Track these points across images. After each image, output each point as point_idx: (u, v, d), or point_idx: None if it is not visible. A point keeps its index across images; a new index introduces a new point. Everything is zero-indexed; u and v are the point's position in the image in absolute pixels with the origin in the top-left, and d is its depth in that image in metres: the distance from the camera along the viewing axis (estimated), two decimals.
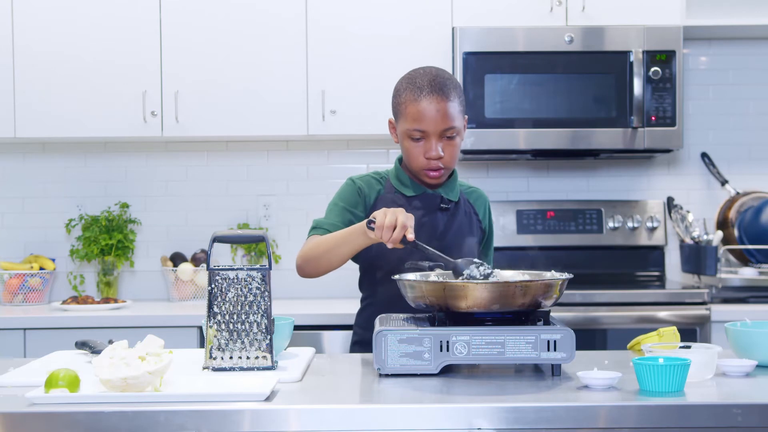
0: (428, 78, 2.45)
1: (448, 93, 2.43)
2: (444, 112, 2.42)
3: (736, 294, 3.71)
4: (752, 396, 1.81)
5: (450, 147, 2.46)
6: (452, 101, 2.43)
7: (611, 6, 3.80)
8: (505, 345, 1.93)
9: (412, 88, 2.46)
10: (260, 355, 2.02)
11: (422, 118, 2.43)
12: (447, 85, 2.44)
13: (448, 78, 2.47)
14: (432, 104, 2.42)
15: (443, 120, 2.42)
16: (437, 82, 2.43)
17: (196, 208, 4.17)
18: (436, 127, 2.43)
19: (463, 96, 2.49)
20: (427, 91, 2.43)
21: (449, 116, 2.43)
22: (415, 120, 2.45)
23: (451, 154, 2.47)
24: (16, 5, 3.79)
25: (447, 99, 2.42)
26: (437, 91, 2.42)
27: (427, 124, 2.43)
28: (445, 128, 2.43)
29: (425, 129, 2.44)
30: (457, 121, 2.44)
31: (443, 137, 2.45)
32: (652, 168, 4.21)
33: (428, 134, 2.44)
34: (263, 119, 3.81)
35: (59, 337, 3.37)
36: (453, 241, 2.51)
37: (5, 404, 1.76)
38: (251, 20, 3.81)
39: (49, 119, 3.79)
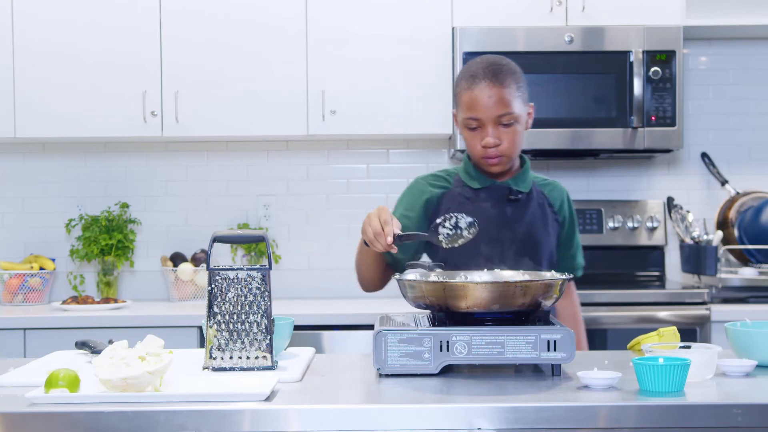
0: (483, 65, 2.43)
1: (502, 79, 2.40)
2: (498, 98, 2.39)
3: (736, 294, 3.71)
4: (752, 396, 1.81)
5: (508, 134, 2.42)
6: (508, 87, 2.40)
7: (611, 6, 3.80)
8: (505, 345, 1.93)
9: (466, 77, 2.44)
10: (260, 355, 2.02)
11: (476, 105, 2.41)
12: (502, 71, 2.41)
13: (505, 64, 2.44)
14: (484, 91, 2.39)
15: (497, 106, 2.39)
16: (491, 69, 2.41)
17: (196, 208, 4.18)
18: (490, 113, 2.40)
19: (522, 83, 2.45)
20: (481, 77, 2.40)
21: (504, 102, 2.39)
22: (469, 108, 2.42)
23: (510, 142, 2.43)
24: (16, 5, 3.79)
25: (501, 85, 2.40)
26: (490, 77, 2.39)
27: (480, 111, 2.40)
28: (499, 114, 2.40)
29: (479, 116, 2.41)
30: (514, 108, 2.41)
31: (499, 124, 2.41)
32: (652, 168, 4.21)
33: (483, 122, 2.41)
34: (263, 119, 3.81)
35: (59, 337, 3.37)
36: (524, 233, 2.46)
37: (5, 404, 1.76)
38: (251, 20, 3.81)
39: (49, 119, 3.79)
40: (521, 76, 2.46)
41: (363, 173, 4.19)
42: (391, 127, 3.83)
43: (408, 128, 3.83)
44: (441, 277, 2.15)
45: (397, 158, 4.20)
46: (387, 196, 4.18)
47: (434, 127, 3.82)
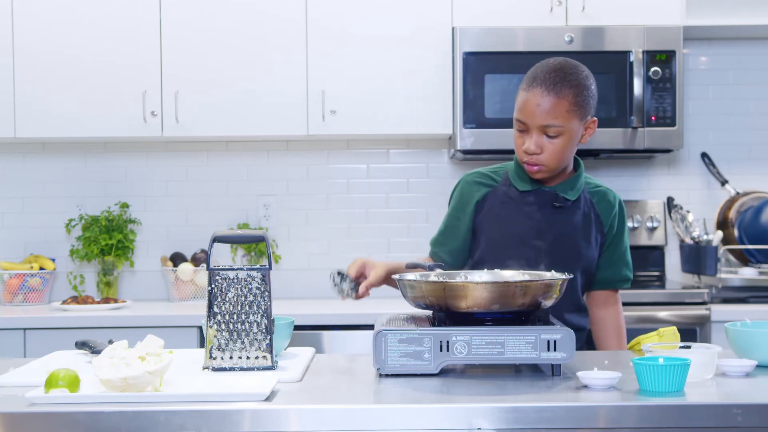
0: (548, 69, 2.33)
1: (559, 89, 2.30)
2: (546, 107, 2.30)
3: (736, 294, 3.71)
4: (752, 396, 1.81)
5: (551, 146, 2.33)
6: (561, 98, 2.30)
7: (611, 6, 3.80)
8: (505, 345, 1.93)
9: (529, 77, 2.36)
10: (260, 355, 2.02)
11: (523, 108, 2.34)
12: (564, 81, 2.30)
13: (570, 73, 2.32)
14: (535, 97, 2.31)
15: (543, 115, 2.30)
16: (553, 76, 2.31)
17: (196, 208, 4.18)
18: (534, 120, 2.32)
19: (584, 96, 2.33)
20: (539, 82, 2.31)
21: (553, 113, 2.30)
22: (519, 109, 2.36)
23: (552, 153, 2.33)
24: (16, 5, 3.79)
25: (554, 94, 2.30)
26: (548, 84, 2.30)
27: (526, 115, 2.33)
28: (543, 124, 2.31)
29: (524, 120, 2.34)
30: (563, 120, 2.30)
31: (544, 133, 2.33)
32: (652, 168, 4.21)
33: (529, 127, 2.34)
34: (263, 119, 3.81)
35: (59, 337, 3.37)
36: (563, 242, 2.40)
37: (5, 404, 1.76)
38: (251, 20, 3.81)
39: (49, 119, 3.79)
40: (586, 90, 2.34)
41: (363, 173, 4.19)
42: (391, 127, 3.83)
43: (408, 128, 3.83)
44: (441, 277, 2.15)
45: (397, 158, 4.20)
46: (387, 196, 4.18)
47: (434, 127, 3.82)
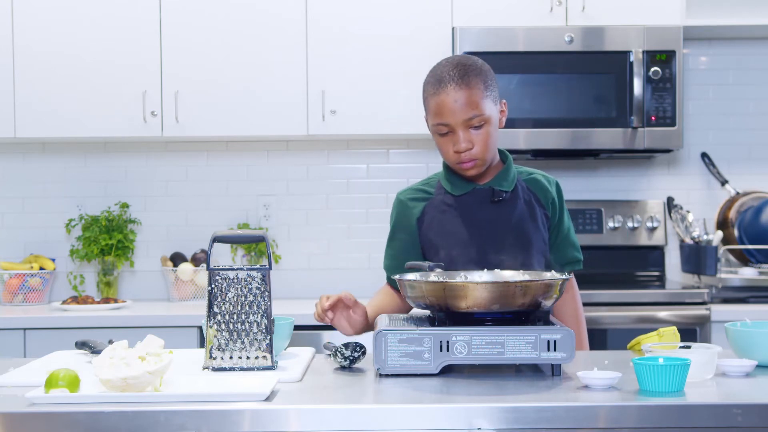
0: (448, 67, 2.36)
1: (468, 80, 2.32)
2: (465, 101, 2.31)
3: (736, 294, 3.71)
4: (752, 396, 1.81)
5: (479, 137, 2.34)
6: (475, 88, 2.32)
7: (611, 6, 3.80)
8: (505, 345, 1.93)
9: (432, 81, 2.38)
10: (260, 355, 2.02)
11: (443, 110, 2.35)
12: (468, 72, 2.33)
13: (471, 64, 2.35)
14: (450, 95, 2.33)
15: (463, 110, 2.32)
16: (457, 71, 2.34)
17: (196, 208, 4.18)
18: (457, 118, 2.33)
19: (492, 81, 2.36)
20: (446, 81, 2.34)
21: (472, 104, 2.31)
22: (437, 114, 2.37)
23: (483, 144, 2.34)
24: (16, 5, 3.79)
25: (466, 86, 2.32)
26: (456, 80, 2.33)
27: (448, 116, 2.34)
28: (467, 118, 2.32)
29: (447, 121, 2.35)
30: (483, 109, 2.32)
31: (470, 127, 2.34)
32: (652, 168, 4.21)
33: (453, 126, 2.34)
34: (263, 119, 3.81)
35: (59, 337, 3.38)
36: (513, 233, 2.39)
37: (5, 404, 1.76)
38: (251, 20, 3.81)
39: (49, 119, 3.79)
40: (490, 75, 2.38)
41: (363, 173, 4.19)
42: (391, 127, 3.83)
43: (408, 128, 3.83)
44: (441, 277, 2.15)
45: (397, 158, 4.19)
46: (387, 196, 4.18)
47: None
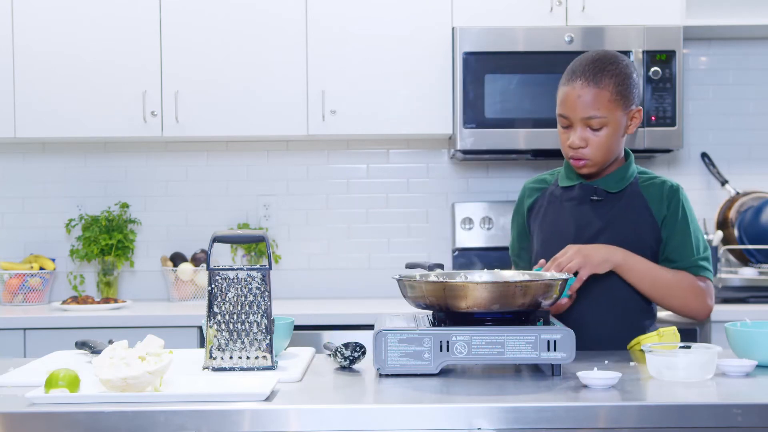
0: (586, 61, 2.32)
1: (599, 79, 2.28)
2: (589, 99, 2.28)
3: (736, 294, 3.71)
4: (752, 396, 1.81)
5: (596, 138, 2.31)
6: (602, 88, 2.28)
7: (611, 6, 3.80)
8: (505, 345, 1.93)
9: (568, 71, 2.34)
10: (260, 355, 2.02)
11: (565, 102, 2.32)
12: (603, 71, 2.29)
13: (609, 64, 2.31)
14: (575, 90, 2.30)
15: (584, 107, 2.28)
16: (592, 67, 2.30)
17: (196, 208, 4.18)
18: (575, 113, 2.30)
19: (627, 86, 2.31)
20: (578, 74, 2.30)
21: (595, 104, 2.28)
22: (560, 104, 2.34)
23: (598, 146, 2.31)
24: (16, 5, 3.79)
25: (594, 85, 2.28)
26: (585, 75, 2.29)
27: (567, 109, 2.32)
28: (585, 116, 2.29)
29: (567, 114, 2.32)
30: (605, 111, 2.29)
31: (587, 126, 2.31)
32: (652, 168, 4.21)
33: (571, 121, 2.32)
34: (263, 119, 3.81)
35: (59, 337, 3.37)
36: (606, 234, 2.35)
37: (5, 404, 1.76)
38: (251, 20, 3.81)
39: (49, 119, 3.79)
40: (627, 79, 2.32)
41: (363, 173, 4.19)
42: (391, 127, 3.83)
43: (408, 128, 3.83)
44: (441, 277, 2.15)
45: (397, 158, 4.20)
46: (387, 196, 4.18)
47: (434, 127, 3.82)
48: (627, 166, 2.42)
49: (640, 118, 2.38)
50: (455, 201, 4.14)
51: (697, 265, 2.37)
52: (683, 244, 2.37)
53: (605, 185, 2.40)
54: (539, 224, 2.47)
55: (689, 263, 2.37)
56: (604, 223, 2.37)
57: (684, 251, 2.37)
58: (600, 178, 2.41)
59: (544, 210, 2.47)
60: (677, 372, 1.89)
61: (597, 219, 2.38)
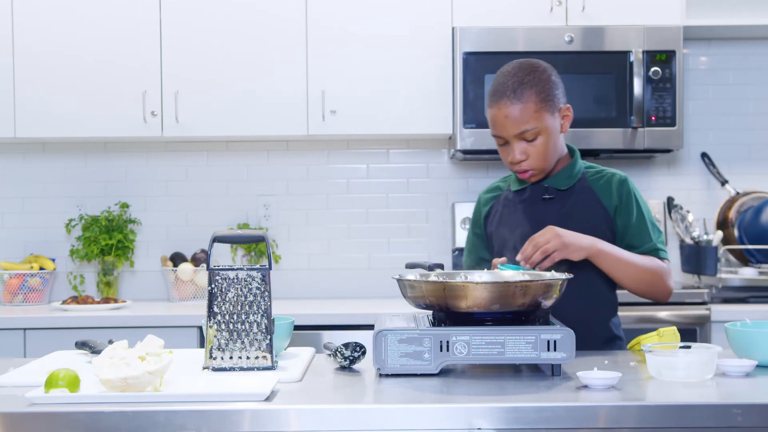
0: (504, 79, 2.39)
1: (520, 94, 2.35)
2: (514, 115, 2.36)
3: (736, 294, 3.71)
4: (752, 396, 1.81)
5: (534, 148, 2.39)
6: (525, 102, 2.35)
7: (611, 6, 3.80)
8: (505, 345, 1.93)
9: (491, 92, 2.41)
10: (260, 355, 2.02)
11: (495, 124, 2.40)
12: (522, 84, 2.36)
13: (527, 74, 2.38)
14: (501, 110, 2.37)
15: (514, 124, 2.36)
16: (510, 84, 2.37)
17: (196, 208, 4.18)
18: (508, 132, 2.38)
19: (548, 90, 2.38)
20: (500, 94, 2.37)
21: (521, 119, 2.36)
22: (492, 126, 2.43)
23: (538, 155, 2.39)
24: (16, 5, 3.79)
25: (517, 101, 2.35)
26: (506, 94, 2.36)
27: (499, 129, 2.40)
28: (517, 132, 2.37)
29: (500, 134, 2.40)
30: (535, 122, 2.36)
31: (522, 140, 2.39)
32: (652, 168, 4.21)
33: (506, 139, 2.40)
34: (263, 119, 3.81)
35: (59, 337, 3.37)
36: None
37: (5, 404, 1.76)
38: (251, 20, 3.81)
39: (49, 119, 3.79)
40: (548, 84, 2.39)
41: (363, 173, 4.19)
42: (391, 127, 3.83)
43: (408, 128, 3.83)
44: (441, 277, 2.15)
45: (397, 158, 4.20)
46: (387, 196, 4.18)
47: (434, 127, 3.82)
48: (574, 163, 2.50)
49: (571, 114, 2.47)
50: (455, 201, 4.14)
51: (657, 248, 2.44)
52: (641, 230, 2.44)
53: (555, 183, 2.48)
54: (496, 229, 2.54)
55: (650, 247, 2.44)
56: (559, 219, 2.42)
57: (643, 236, 2.44)
58: (549, 178, 2.49)
59: (499, 215, 2.54)
60: (677, 372, 1.89)
61: (551, 216, 2.44)
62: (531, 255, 2.24)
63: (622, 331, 2.53)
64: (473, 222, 2.64)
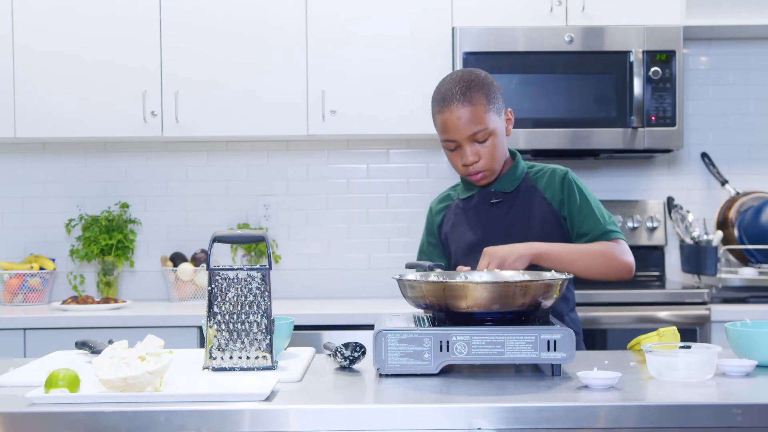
0: (451, 84, 2.46)
1: (470, 97, 2.42)
2: (468, 117, 2.42)
3: (736, 294, 3.71)
4: (752, 396, 1.81)
5: (486, 149, 2.46)
6: (476, 104, 2.42)
7: (611, 6, 3.80)
8: (505, 345, 1.93)
9: (437, 99, 2.48)
10: (260, 355, 2.02)
11: (447, 128, 2.46)
12: (470, 88, 2.43)
13: (473, 80, 2.45)
14: (453, 113, 2.43)
15: (467, 126, 2.43)
16: (459, 89, 2.44)
17: (196, 208, 4.18)
18: (462, 134, 2.44)
19: (494, 94, 2.46)
20: (449, 99, 2.44)
21: (475, 120, 2.43)
22: (443, 131, 2.48)
23: (489, 156, 2.47)
24: (16, 5, 3.79)
25: (468, 103, 2.42)
26: (458, 98, 2.43)
27: (452, 133, 2.45)
28: (470, 134, 2.44)
29: (452, 138, 2.46)
30: (487, 123, 2.44)
31: (475, 141, 2.45)
32: (652, 168, 4.21)
33: (459, 142, 2.46)
34: (263, 119, 3.81)
35: (59, 337, 3.37)
36: (508, 235, 2.46)
37: (5, 404, 1.76)
38: (251, 20, 3.81)
39: (49, 119, 3.79)
40: (492, 87, 2.47)
41: (363, 173, 4.19)
42: (391, 127, 3.83)
43: (408, 128, 3.83)
44: (441, 277, 2.15)
45: (397, 158, 4.20)
46: (387, 196, 4.18)
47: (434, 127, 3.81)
48: (516, 165, 2.57)
49: (513, 117, 2.54)
50: None
51: (607, 230, 2.48)
52: (589, 218, 2.49)
53: (501, 187, 2.55)
54: (450, 237, 2.61)
55: (600, 230, 2.48)
56: (509, 221, 2.50)
57: (592, 223, 2.49)
58: (495, 182, 2.55)
59: (452, 223, 2.60)
60: (677, 372, 1.89)
61: (501, 219, 2.52)
62: None
63: (580, 326, 2.57)
64: (427, 231, 2.70)
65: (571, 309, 2.57)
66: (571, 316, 2.56)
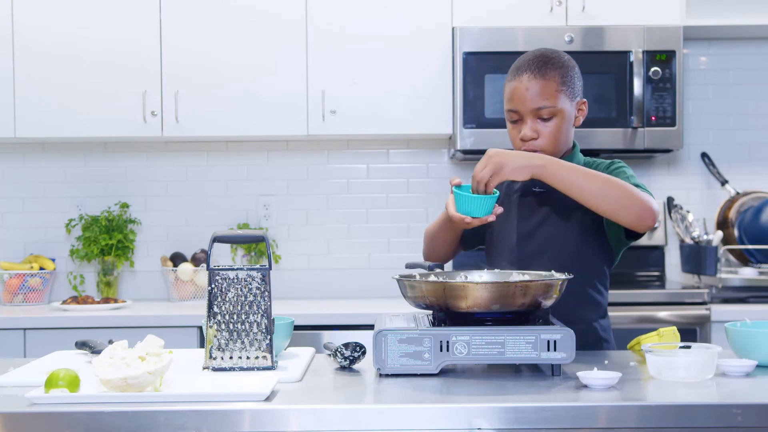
0: (530, 57, 2.37)
1: (544, 71, 2.33)
2: (537, 90, 2.32)
3: (736, 294, 3.71)
4: (752, 396, 1.81)
5: (547, 128, 2.33)
6: (548, 80, 2.32)
7: (611, 6, 3.80)
8: (505, 345, 1.93)
9: (513, 68, 2.39)
10: (260, 355, 2.02)
11: (513, 97, 2.35)
12: (547, 64, 2.34)
13: (553, 57, 2.36)
14: (523, 83, 2.33)
15: (534, 99, 2.32)
16: (536, 61, 2.34)
17: (196, 208, 4.18)
18: (526, 106, 2.33)
19: (570, 77, 2.35)
20: (524, 69, 2.34)
21: (543, 95, 2.32)
22: (508, 99, 2.37)
23: (550, 136, 2.33)
24: (16, 5, 3.79)
25: (541, 77, 2.32)
26: (531, 69, 2.33)
27: (516, 103, 2.34)
28: (535, 107, 2.32)
29: (516, 108, 2.35)
30: (555, 101, 2.32)
31: (538, 118, 2.34)
32: (652, 168, 4.21)
33: (521, 114, 2.35)
34: (263, 119, 3.81)
35: (59, 337, 3.37)
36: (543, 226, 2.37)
37: (5, 404, 1.76)
38: (251, 21, 3.81)
39: (49, 119, 3.79)
40: (571, 71, 2.36)
41: (363, 173, 4.19)
42: (391, 127, 3.83)
43: (408, 128, 3.83)
44: (441, 277, 2.15)
45: (397, 158, 4.20)
46: (387, 196, 4.18)
47: (434, 127, 3.82)
48: (572, 156, 2.41)
49: (586, 110, 2.41)
50: None
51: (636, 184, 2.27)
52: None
53: None
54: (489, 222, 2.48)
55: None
56: (546, 212, 2.39)
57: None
58: None
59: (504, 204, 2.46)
60: (677, 372, 1.89)
61: (539, 209, 2.40)
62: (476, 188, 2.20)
63: (611, 334, 2.43)
64: None
65: (602, 316, 2.40)
66: (601, 323, 2.39)
